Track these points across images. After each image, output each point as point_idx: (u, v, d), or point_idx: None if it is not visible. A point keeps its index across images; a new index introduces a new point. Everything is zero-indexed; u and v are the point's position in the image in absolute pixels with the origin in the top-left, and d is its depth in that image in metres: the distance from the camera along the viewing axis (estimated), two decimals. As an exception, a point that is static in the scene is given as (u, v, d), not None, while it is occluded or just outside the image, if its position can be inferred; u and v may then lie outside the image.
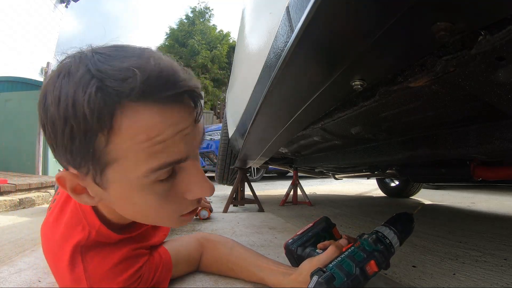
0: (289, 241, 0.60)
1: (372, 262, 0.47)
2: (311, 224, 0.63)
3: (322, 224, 0.63)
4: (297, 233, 0.61)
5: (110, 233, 0.46)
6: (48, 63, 3.67)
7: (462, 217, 1.54)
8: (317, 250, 0.55)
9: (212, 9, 14.46)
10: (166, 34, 14.09)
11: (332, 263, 0.47)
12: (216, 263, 0.64)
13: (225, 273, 0.64)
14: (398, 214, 0.57)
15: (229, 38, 14.26)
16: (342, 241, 0.53)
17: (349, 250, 0.49)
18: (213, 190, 0.40)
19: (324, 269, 0.46)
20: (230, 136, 1.71)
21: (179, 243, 0.63)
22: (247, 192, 1.77)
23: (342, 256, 0.48)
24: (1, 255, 0.77)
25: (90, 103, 0.30)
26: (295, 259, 0.59)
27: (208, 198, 2.12)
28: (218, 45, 13.55)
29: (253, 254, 0.62)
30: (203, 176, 0.39)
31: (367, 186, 3.50)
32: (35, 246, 0.88)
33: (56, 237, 0.46)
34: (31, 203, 1.84)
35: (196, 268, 0.66)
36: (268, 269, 0.57)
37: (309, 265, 0.51)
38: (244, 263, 0.60)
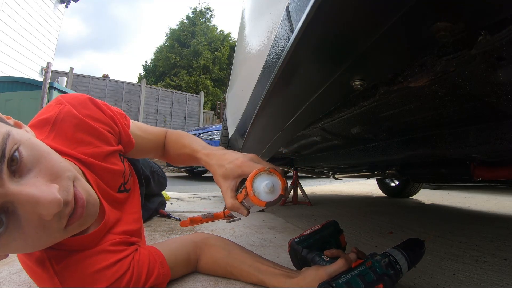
0: (296, 240, 0.59)
1: (381, 285, 0.47)
2: (319, 226, 0.61)
3: (331, 228, 0.62)
4: (304, 233, 0.60)
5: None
6: (48, 63, 3.68)
7: (462, 217, 1.54)
8: (323, 257, 0.54)
9: (212, 10, 14.54)
10: (166, 35, 14.16)
11: (342, 279, 0.47)
12: (214, 267, 0.64)
13: (224, 276, 0.64)
14: (410, 240, 0.57)
15: (230, 38, 14.31)
16: (352, 256, 0.52)
17: (360, 268, 0.49)
18: (54, 201, 0.34)
19: (333, 284, 0.45)
20: (230, 136, 1.71)
21: (175, 244, 0.63)
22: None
23: (352, 273, 0.48)
24: (1, 255, 0.77)
25: None
26: (298, 259, 0.58)
27: (207, 198, 2.12)
28: (220, 46, 13.60)
29: (252, 256, 0.61)
30: (37, 194, 0.34)
31: (367, 186, 3.50)
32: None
33: (25, 259, 0.48)
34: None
35: (194, 269, 0.66)
36: (268, 271, 0.57)
37: (315, 273, 0.50)
38: (243, 266, 0.60)
